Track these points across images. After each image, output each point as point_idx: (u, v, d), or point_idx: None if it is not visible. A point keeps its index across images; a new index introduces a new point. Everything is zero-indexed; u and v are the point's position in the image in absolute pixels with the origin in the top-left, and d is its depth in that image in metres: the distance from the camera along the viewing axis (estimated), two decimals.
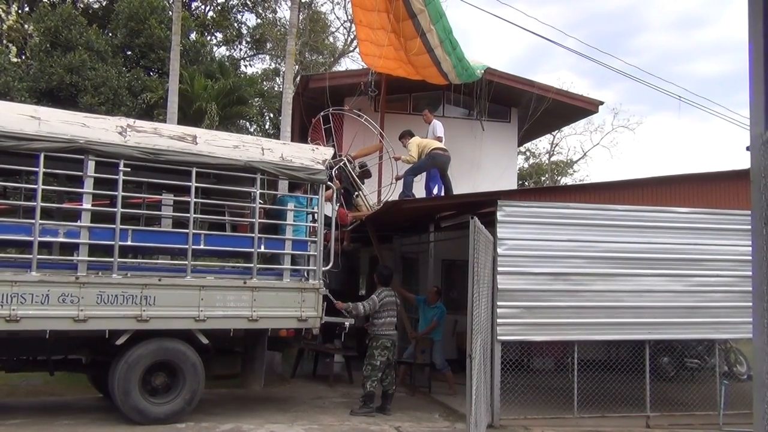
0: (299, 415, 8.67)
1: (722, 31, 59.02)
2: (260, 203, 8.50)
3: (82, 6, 25.45)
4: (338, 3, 29.37)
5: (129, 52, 22.74)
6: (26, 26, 22.16)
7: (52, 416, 7.93)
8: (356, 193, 11.59)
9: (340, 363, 11.50)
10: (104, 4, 25.80)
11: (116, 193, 7.44)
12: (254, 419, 8.29)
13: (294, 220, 8.81)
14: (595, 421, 8.83)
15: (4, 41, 22.25)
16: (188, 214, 7.88)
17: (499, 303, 8.49)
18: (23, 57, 22.09)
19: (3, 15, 22.17)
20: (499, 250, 8.56)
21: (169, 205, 8.81)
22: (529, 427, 8.52)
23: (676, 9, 57.53)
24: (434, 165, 11.64)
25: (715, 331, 9.54)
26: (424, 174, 12.06)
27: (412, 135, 11.88)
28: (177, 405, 7.77)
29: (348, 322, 9.48)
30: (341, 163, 11.15)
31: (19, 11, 23.04)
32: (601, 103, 16.86)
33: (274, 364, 11.89)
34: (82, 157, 7.26)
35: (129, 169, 7.50)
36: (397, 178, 12.11)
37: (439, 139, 12.44)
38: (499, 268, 8.53)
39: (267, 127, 26.94)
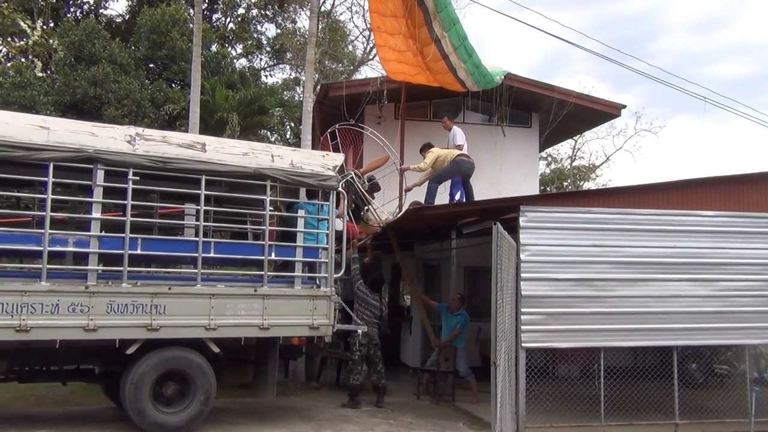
0: (323, 424, 8.64)
1: (742, 33, 58.36)
2: (271, 210, 8.45)
3: (105, 20, 25.87)
4: (357, 12, 29.56)
5: (151, 65, 23.06)
6: (51, 41, 22.57)
7: (78, 426, 7.99)
8: (366, 207, 11.56)
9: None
10: (127, 17, 26.20)
11: (125, 201, 7.43)
12: (278, 428, 8.29)
13: (308, 228, 8.79)
14: (623, 429, 8.70)
15: (30, 56, 22.68)
16: (197, 223, 7.86)
17: (522, 309, 8.40)
18: (48, 71, 22.48)
19: (28, 30, 22.60)
20: (522, 256, 8.48)
21: (179, 213, 8.81)
22: None
23: (695, 12, 57.04)
24: (459, 172, 11.62)
25: (744, 337, 9.35)
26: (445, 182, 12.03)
27: (431, 147, 11.88)
28: (194, 408, 7.74)
29: (360, 330, 9.50)
30: (348, 178, 11.12)
31: (44, 26, 23.46)
32: (624, 106, 16.64)
33: (297, 372, 11.90)
34: (91, 166, 7.26)
35: (138, 178, 7.47)
36: (407, 190, 12.13)
37: (458, 147, 12.40)
38: (522, 275, 8.45)
39: (288, 136, 27.11)
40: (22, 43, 23.13)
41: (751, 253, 9.22)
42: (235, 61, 26.92)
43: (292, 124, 26.62)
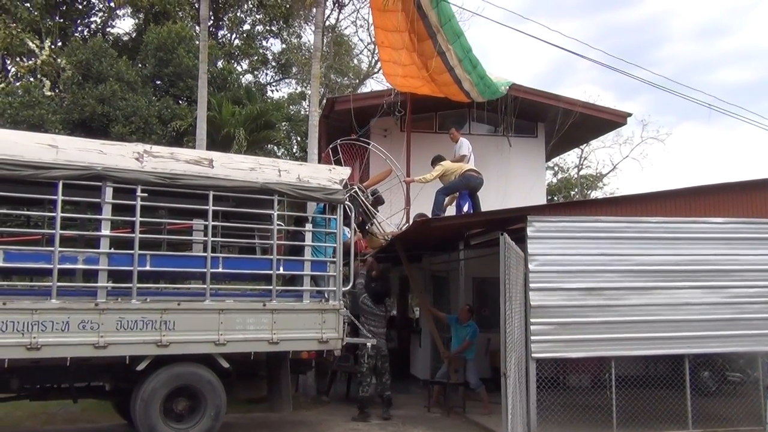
0: None
1: (746, 39, 58.31)
2: (278, 225, 8.47)
3: (112, 38, 26.12)
4: (361, 26, 29.75)
5: (158, 82, 23.25)
6: (59, 60, 22.77)
7: None
8: (370, 221, 11.57)
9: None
10: (133, 35, 26.46)
11: (134, 218, 7.45)
12: None
13: (317, 242, 8.79)
14: None
15: (38, 76, 22.89)
16: (206, 238, 7.86)
17: (532, 320, 8.38)
18: (56, 90, 22.67)
19: (36, 50, 22.82)
20: (531, 266, 8.47)
21: (188, 229, 8.83)
22: None
23: (698, 19, 57.05)
24: (467, 186, 11.73)
25: (756, 344, 9.28)
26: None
27: (442, 160, 11.93)
28: (205, 424, 7.72)
29: (370, 343, 9.48)
30: (352, 192, 11.13)
31: (52, 46, 23.70)
32: (630, 115, 16.66)
33: (308, 386, 11.87)
34: (100, 183, 7.30)
35: (146, 195, 7.50)
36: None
37: (462, 157, 12.44)
38: (531, 285, 8.43)
39: (294, 150, 27.21)
40: (30, 62, 23.35)
41: (761, 260, 9.18)
42: (241, 76, 27.12)
43: (299, 138, 26.72)
